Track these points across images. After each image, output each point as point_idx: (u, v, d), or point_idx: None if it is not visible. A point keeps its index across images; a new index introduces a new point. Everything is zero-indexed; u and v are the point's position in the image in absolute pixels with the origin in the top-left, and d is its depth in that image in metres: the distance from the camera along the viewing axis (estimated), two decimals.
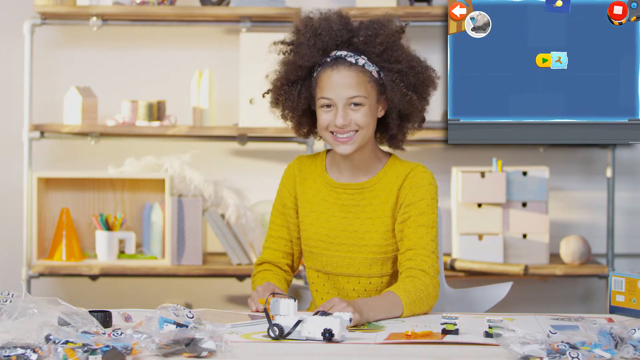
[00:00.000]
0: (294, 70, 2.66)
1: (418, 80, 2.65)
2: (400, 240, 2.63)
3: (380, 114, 2.68)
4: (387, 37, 2.63)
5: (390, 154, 2.74)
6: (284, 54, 2.70)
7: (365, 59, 2.62)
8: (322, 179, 2.74)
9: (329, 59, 2.63)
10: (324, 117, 2.63)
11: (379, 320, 2.43)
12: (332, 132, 2.63)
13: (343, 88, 2.60)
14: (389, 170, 2.69)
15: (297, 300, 2.38)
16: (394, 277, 2.68)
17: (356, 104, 2.60)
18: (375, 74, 2.63)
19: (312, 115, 2.71)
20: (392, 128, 2.70)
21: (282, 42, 2.71)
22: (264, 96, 2.75)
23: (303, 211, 2.74)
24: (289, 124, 2.76)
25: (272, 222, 2.80)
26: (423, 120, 2.73)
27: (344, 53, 2.62)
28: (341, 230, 2.68)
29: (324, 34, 2.63)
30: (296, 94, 2.67)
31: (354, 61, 2.61)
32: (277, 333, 2.16)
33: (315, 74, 2.65)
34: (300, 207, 2.75)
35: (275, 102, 2.72)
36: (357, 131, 2.62)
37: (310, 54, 2.63)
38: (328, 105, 2.62)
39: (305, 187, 2.75)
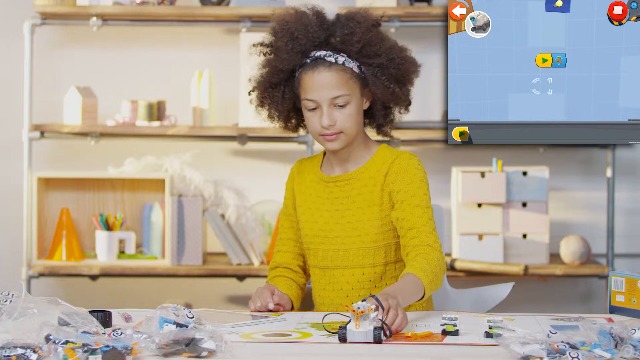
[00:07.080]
0: (275, 73, 2.67)
1: (399, 71, 2.66)
2: (400, 226, 2.62)
3: (366, 105, 2.69)
4: (363, 34, 2.63)
5: (380, 143, 2.75)
6: (264, 55, 2.71)
7: (345, 56, 2.63)
8: (317, 176, 2.75)
9: (308, 60, 2.64)
10: (311, 120, 2.65)
11: (407, 304, 2.37)
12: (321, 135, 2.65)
13: (325, 89, 2.61)
14: (377, 158, 2.69)
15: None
16: (385, 267, 2.67)
17: (340, 105, 2.61)
18: (356, 69, 2.64)
19: (299, 111, 2.73)
20: (378, 118, 2.72)
21: (262, 44, 2.71)
22: (249, 94, 2.76)
23: (300, 209, 2.75)
24: (276, 123, 2.76)
25: (281, 226, 2.82)
26: (409, 103, 2.74)
27: (322, 53, 2.63)
28: (334, 223, 2.69)
29: (301, 36, 2.63)
30: (280, 95, 2.68)
31: (333, 60, 2.62)
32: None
33: (297, 75, 2.66)
34: (298, 207, 2.76)
35: (261, 104, 2.73)
36: (341, 132, 2.63)
37: (289, 58, 2.64)
38: (313, 108, 2.63)
39: (303, 186, 2.76)
